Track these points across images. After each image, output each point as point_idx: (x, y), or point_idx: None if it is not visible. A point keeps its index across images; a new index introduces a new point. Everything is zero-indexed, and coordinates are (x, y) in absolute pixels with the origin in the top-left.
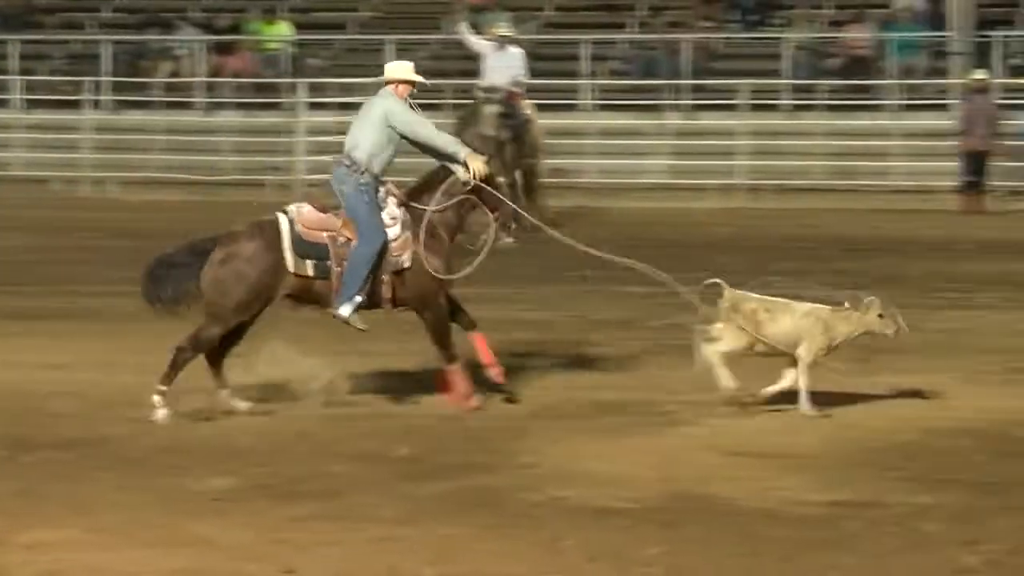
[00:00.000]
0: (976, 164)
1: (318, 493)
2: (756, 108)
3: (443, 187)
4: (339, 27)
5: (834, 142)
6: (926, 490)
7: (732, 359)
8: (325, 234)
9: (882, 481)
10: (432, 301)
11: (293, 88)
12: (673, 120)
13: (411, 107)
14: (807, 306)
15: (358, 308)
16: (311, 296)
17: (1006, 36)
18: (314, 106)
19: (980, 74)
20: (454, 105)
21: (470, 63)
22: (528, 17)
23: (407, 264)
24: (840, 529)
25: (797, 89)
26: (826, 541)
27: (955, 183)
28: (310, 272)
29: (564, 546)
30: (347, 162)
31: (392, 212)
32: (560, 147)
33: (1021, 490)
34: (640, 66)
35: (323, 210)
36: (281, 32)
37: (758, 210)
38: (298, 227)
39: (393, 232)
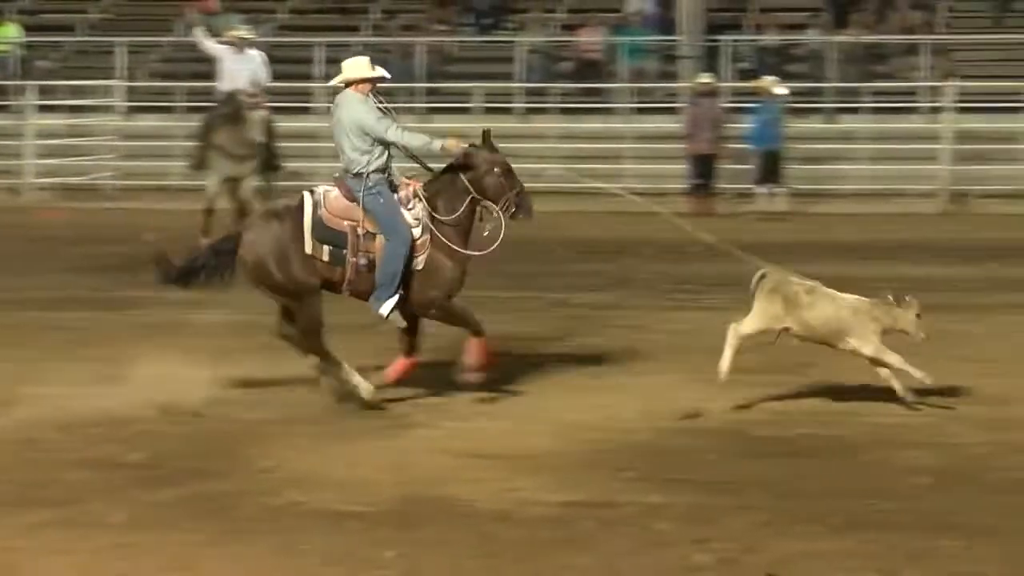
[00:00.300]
0: (703, 167)
1: (49, 501)
2: (490, 111)
3: (453, 191)
4: (68, 29)
5: (567, 145)
6: (659, 490)
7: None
8: (347, 223)
9: (616, 481)
10: (431, 303)
11: (22, 91)
12: (409, 123)
13: (377, 105)
14: (850, 298)
15: (397, 306)
16: (324, 283)
17: (734, 41)
18: (43, 108)
19: (706, 78)
20: (187, 108)
21: (202, 66)
22: (261, 20)
23: (420, 267)
24: (574, 529)
25: (530, 92)
26: (561, 541)
27: (685, 186)
28: (325, 258)
29: (301, 550)
30: (351, 177)
31: (417, 214)
32: (295, 150)
33: (753, 489)
34: None
35: (351, 199)
36: (9, 34)
37: None
38: (321, 211)
39: (415, 233)
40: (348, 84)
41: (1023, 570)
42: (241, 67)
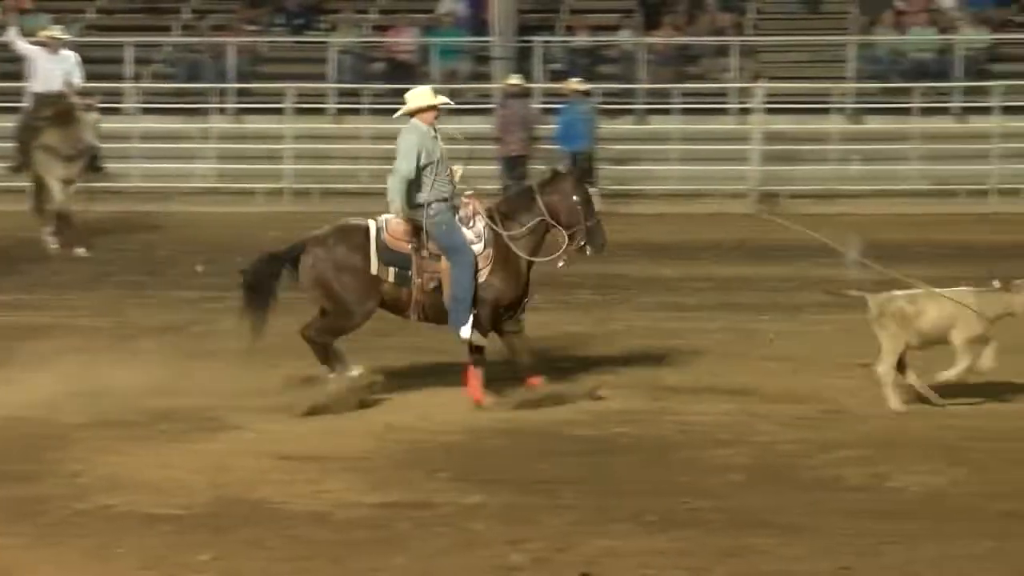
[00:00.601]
0: (514, 168)
1: None
2: (302, 112)
3: (524, 209)
4: None
5: (380, 146)
6: (474, 490)
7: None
8: (409, 245)
9: (431, 481)
10: (487, 314)
11: None
12: (219, 124)
13: (433, 135)
14: (954, 291)
15: (475, 326)
16: (393, 304)
17: (546, 42)
18: None
19: (515, 79)
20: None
21: (11, 66)
22: (69, 20)
23: (483, 279)
24: (390, 530)
25: (342, 93)
26: (376, 542)
27: (499, 186)
28: (391, 279)
29: (114, 554)
30: (415, 204)
31: (478, 230)
32: (105, 151)
33: (567, 488)
34: (185, 69)
35: (410, 221)
36: None
37: (305, 213)
38: (384, 235)
39: (476, 249)
40: (412, 114)
41: (832, 566)
42: (55, 67)
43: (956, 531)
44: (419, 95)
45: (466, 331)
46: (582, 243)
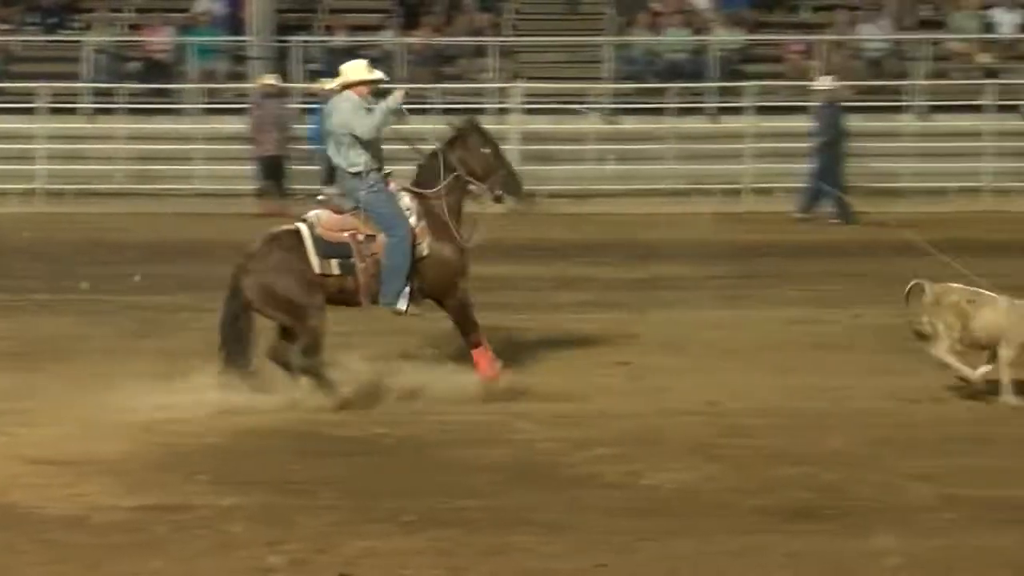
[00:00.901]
0: (270, 169)
1: None
2: (55, 112)
3: (438, 173)
4: None
5: (136, 146)
6: (232, 492)
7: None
8: (346, 234)
9: (189, 484)
10: (451, 289)
11: None
12: None
13: (366, 106)
14: (1009, 300)
15: (410, 298)
16: (343, 295)
17: (304, 42)
18: None
19: (270, 79)
20: None
21: None
22: None
23: (425, 253)
24: (148, 533)
25: (97, 92)
26: (133, 546)
27: (255, 187)
28: (336, 271)
29: None
30: (350, 174)
31: (406, 203)
32: None
33: (326, 489)
34: None
35: (339, 212)
36: None
37: (60, 215)
38: (318, 230)
39: (412, 221)
40: (346, 87)
41: (590, 563)
42: None
43: (710, 527)
44: (354, 69)
45: (402, 304)
46: (499, 193)
